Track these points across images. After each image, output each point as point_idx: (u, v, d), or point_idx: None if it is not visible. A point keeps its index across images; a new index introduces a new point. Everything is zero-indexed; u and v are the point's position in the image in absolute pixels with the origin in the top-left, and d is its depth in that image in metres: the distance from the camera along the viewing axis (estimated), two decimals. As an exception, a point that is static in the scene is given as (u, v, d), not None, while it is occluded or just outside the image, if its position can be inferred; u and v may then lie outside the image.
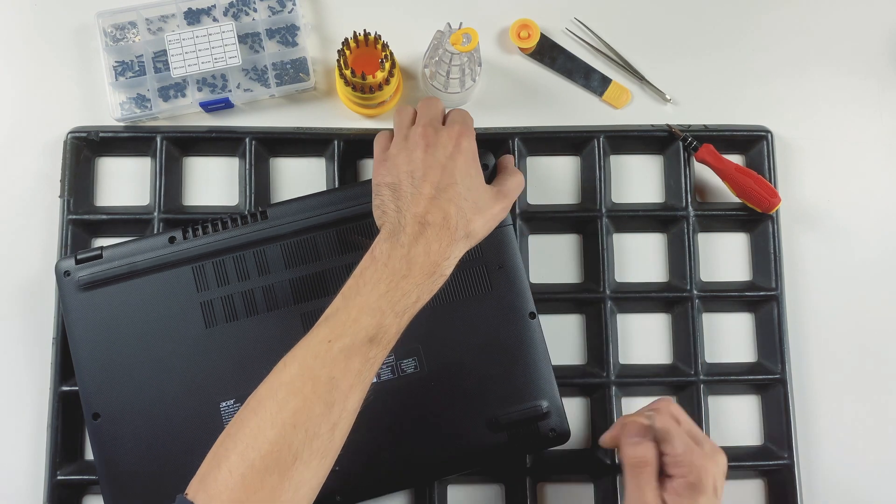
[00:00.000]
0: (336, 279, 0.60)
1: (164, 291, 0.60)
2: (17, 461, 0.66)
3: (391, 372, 0.60)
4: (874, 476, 0.68)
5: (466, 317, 0.61)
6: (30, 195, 0.68)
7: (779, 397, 0.66)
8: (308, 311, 0.60)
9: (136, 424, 0.59)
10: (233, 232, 0.60)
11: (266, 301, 0.60)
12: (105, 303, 0.60)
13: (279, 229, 0.61)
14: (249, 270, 0.60)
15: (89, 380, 0.59)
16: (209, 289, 0.60)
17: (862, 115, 0.72)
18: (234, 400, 0.59)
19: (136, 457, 0.58)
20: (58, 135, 0.68)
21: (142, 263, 0.60)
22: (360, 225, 0.61)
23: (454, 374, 0.60)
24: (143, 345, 0.59)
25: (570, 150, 0.71)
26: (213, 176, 0.70)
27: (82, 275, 0.60)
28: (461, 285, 0.61)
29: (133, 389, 0.59)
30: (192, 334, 0.59)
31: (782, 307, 0.67)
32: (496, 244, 0.61)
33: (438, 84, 0.66)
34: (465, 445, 0.60)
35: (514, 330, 0.61)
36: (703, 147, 0.67)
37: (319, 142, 0.68)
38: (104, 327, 0.59)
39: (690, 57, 0.72)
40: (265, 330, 0.60)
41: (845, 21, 0.73)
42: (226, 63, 0.67)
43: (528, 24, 0.69)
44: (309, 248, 0.61)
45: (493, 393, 0.60)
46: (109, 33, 0.69)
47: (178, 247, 0.60)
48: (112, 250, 0.60)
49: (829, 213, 0.70)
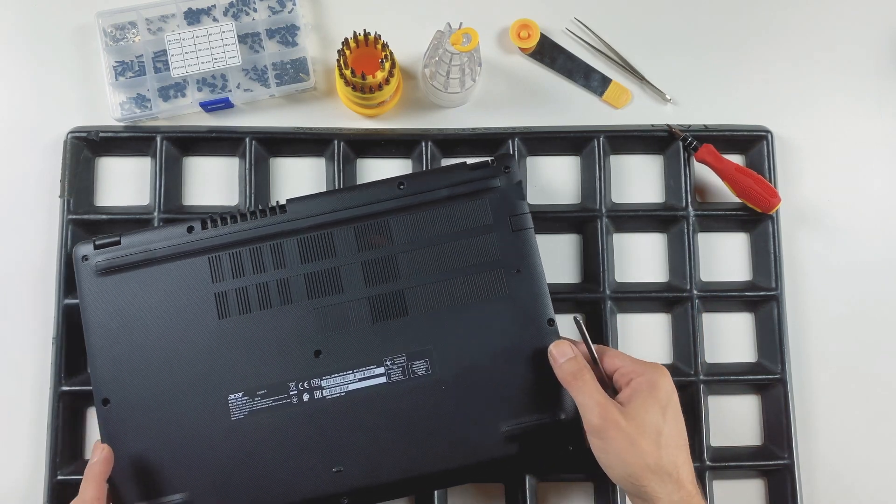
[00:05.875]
0: (351, 277, 0.59)
1: (180, 280, 0.60)
2: (17, 461, 0.66)
3: (402, 373, 0.59)
4: (874, 476, 0.68)
5: (481, 320, 0.59)
6: (30, 195, 0.68)
7: (779, 397, 0.66)
8: (321, 307, 0.59)
9: (144, 412, 0.58)
10: (251, 224, 0.60)
11: (280, 295, 0.59)
12: (121, 289, 0.59)
13: (297, 223, 0.60)
14: (265, 263, 0.60)
15: (101, 365, 0.59)
16: (224, 280, 0.60)
17: (862, 115, 0.72)
18: (242, 393, 0.58)
19: (142, 444, 0.58)
20: (58, 135, 0.68)
21: (159, 251, 0.60)
22: (377, 223, 0.60)
23: (467, 378, 0.59)
24: (155, 332, 0.59)
25: (570, 150, 0.71)
26: (213, 176, 0.70)
27: (99, 260, 0.60)
28: (476, 287, 0.59)
29: (143, 377, 0.59)
30: (205, 325, 0.59)
31: (782, 307, 0.67)
32: (515, 247, 0.60)
33: (438, 84, 0.66)
34: (475, 454, 0.58)
35: (531, 336, 0.59)
36: (703, 147, 0.67)
37: (319, 142, 0.68)
38: (118, 313, 0.59)
39: (690, 57, 0.72)
40: (278, 324, 0.59)
41: (845, 21, 0.73)
42: (226, 63, 0.67)
43: (528, 24, 0.69)
44: (326, 244, 0.60)
45: (507, 401, 0.58)
46: (109, 33, 0.69)
47: (196, 236, 0.60)
48: (130, 237, 0.60)
49: (829, 213, 0.70)
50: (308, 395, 0.58)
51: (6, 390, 0.66)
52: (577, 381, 0.54)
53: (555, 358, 0.56)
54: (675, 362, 0.68)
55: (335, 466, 0.57)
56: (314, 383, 0.58)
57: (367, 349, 0.59)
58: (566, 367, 0.55)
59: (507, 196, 0.60)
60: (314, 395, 0.58)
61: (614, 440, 0.51)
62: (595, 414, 0.52)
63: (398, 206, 0.60)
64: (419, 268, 0.59)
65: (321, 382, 0.58)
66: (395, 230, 0.60)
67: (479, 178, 0.60)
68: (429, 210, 0.60)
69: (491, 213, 0.60)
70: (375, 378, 0.58)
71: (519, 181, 0.61)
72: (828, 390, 0.68)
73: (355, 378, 0.58)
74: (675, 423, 0.53)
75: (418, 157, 0.68)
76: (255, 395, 0.58)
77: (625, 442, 0.51)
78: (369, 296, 0.59)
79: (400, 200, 0.60)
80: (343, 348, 0.59)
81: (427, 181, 0.61)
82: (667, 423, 0.52)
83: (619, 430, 0.51)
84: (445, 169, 0.62)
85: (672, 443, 0.52)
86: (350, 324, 0.59)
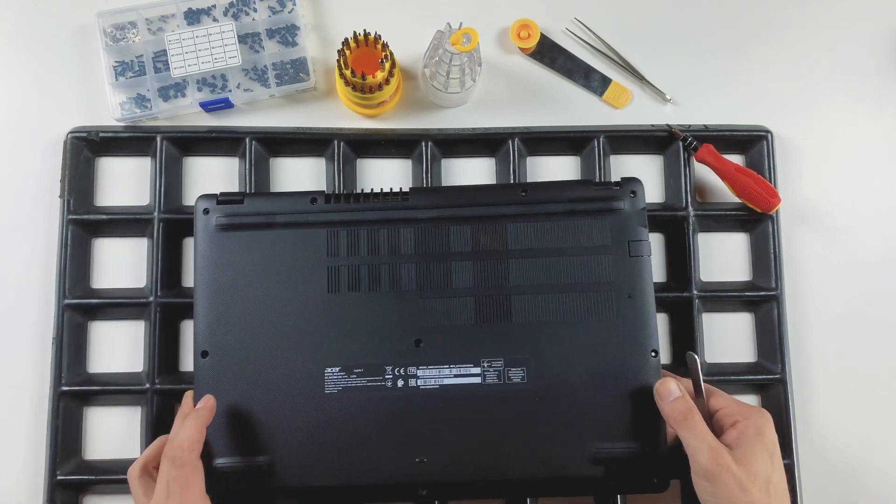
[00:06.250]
0: (461, 274, 0.60)
1: (296, 248, 0.60)
2: (17, 461, 0.66)
3: (497, 377, 0.59)
4: (874, 476, 0.68)
5: (585, 340, 0.59)
6: (30, 195, 0.68)
7: (779, 397, 0.66)
8: (428, 298, 0.59)
9: (240, 370, 0.59)
10: (373, 205, 0.61)
11: (390, 279, 0.60)
12: (236, 247, 0.60)
13: (417, 213, 0.61)
14: (380, 247, 0.60)
15: (204, 318, 0.59)
16: (339, 255, 0.60)
17: (862, 115, 0.72)
18: (339, 368, 0.59)
19: (233, 402, 0.58)
20: (58, 135, 0.68)
21: (280, 217, 0.60)
22: (494, 227, 0.60)
23: (561, 394, 0.58)
24: (263, 295, 0.60)
25: (570, 150, 0.71)
26: (214, 176, 0.70)
27: (220, 216, 0.60)
28: (584, 306, 0.59)
29: (245, 336, 0.59)
30: (314, 295, 0.60)
31: (782, 307, 0.67)
32: (630, 272, 0.60)
33: (438, 84, 0.66)
34: (558, 469, 0.58)
35: (632, 364, 0.59)
36: (703, 147, 0.67)
37: (319, 142, 0.68)
38: (230, 270, 0.60)
39: (690, 57, 0.72)
40: (384, 307, 0.59)
41: (845, 21, 0.73)
42: (226, 63, 0.67)
43: (528, 24, 0.69)
44: (441, 238, 0.60)
45: (599, 423, 0.58)
46: (109, 33, 0.69)
47: (318, 208, 0.60)
48: (253, 199, 0.61)
49: (829, 213, 0.70)
50: (402, 382, 0.59)
51: (6, 390, 0.66)
52: (686, 421, 0.53)
53: (661, 396, 0.56)
54: (675, 363, 0.68)
55: (418, 457, 0.58)
56: (410, 371, 0.59)
57: (466, 347, 0.59)
58: (675, 407, 0.55)
59: (630, 221, 0.60)
60: (408, 382, 0.59)
61: (725, 485, 0.51)
62: (706, 457, 0.52)
63: (518, 212, 0.61)
64: (529, 276, 0.60)
65: (417, 372, 0.59)
66: (512, 235, 0.60)
67: (603, 198, 0.61)
68: (548, 221, 0.60)
69: (610, 234, 0.60)
70: (470, 377, 0.59)
71: (643, 207, 0.61)
72: (828, 390, 0.68)
73: (451, 373, 0.59)
74: (780, 470, 0.54)
75: (418, 157, 0.68)
76: (351, 372, 0.59)
77: (736, 488, 0.51)
78: (476, 295, 0.59)
79: (521, 207, 0.61)
80: (443, 342, 0.59)
81: (550, 192, 0.61)
82: (775, 470, 0.53)
83: (731, 476, 0.51)
84: (570, 183, 0.63)
85: (780, 491, 0.52)
86: (453, 319, 0.59)
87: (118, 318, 0.67)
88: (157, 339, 0.65)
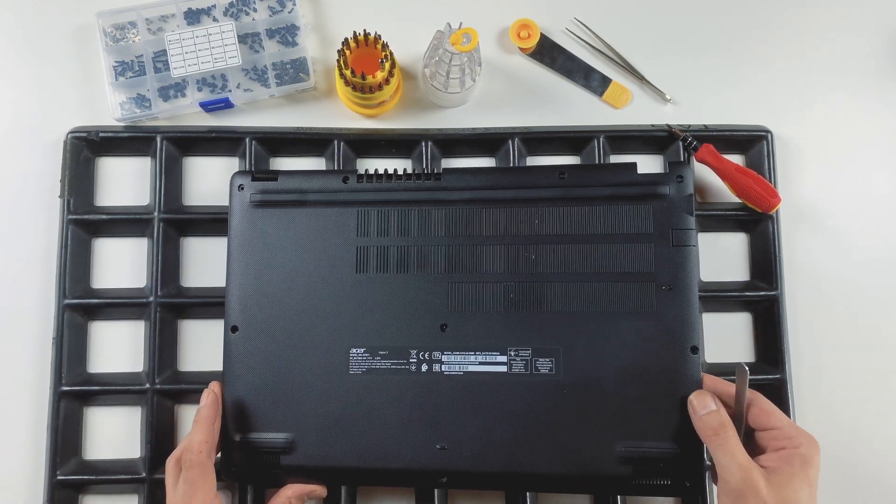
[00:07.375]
0: (492, 258, 0.58)
1: (326, 227, 0.60)
2: (17, 461, 0.66)
3: (524, 367, 0.57)
4: (875, 476, 0.68)
5: (619, 333, 0.56)
6: (30, 195, 0.68)
7: (779, 397, 0.66)
8: (456, 282, 0.58)
9: (267, 344, 0.59)
10: (404, 185, 0.60)
11: (419, 261, 0.59)
12: (268, 223, 0.60)
13: (450, 194, 0.60)
14: (411, 227, 0.60)
15: (235, 293, 0.60)
16: (369, 235, 0.60)
17: (862, 115, 0.72)
18: (364, 349, 0.58)
19: (259, 377, 0.59)
20: (58, 135, 0.68)
21: (312, 195, 0.60)
22: (526, 211, 0.59)
23: (592, 388, 0.56)
24: (293, 272, 0.60)
25: (570, 150, 0.71)
26: (214, 176, 0.70)
27: (254, 192, 0.61)
28: (620, 297, 0.57)
29: (274, 311, 0.59)
30: (342, 274, 0.59)
31: (782, 307, 0.67)
32: (673, 263, 0.57)
33: (438, 84, 0.66)
34: (585, 466, 0.56)
35: (670, 360, 0.56)
36: (703, 147, 0.67)
37: (319, 142, 0.68)
38: (262, 246, 0.60)
39: (690, 57, 0.72)
40: (411, 288, 0.59)
41: (845, 21, 0.73)
42: (226, 63, 0.67)
43: (528, 24, 0.69)
44: (472, 220, 0.59)
45: (630, 421, 0.56)
46: (109, 33, 0.69)
47: (350, 187, 0.60)
48: (287, 176, 0.61)
49: (829, 213, 0.70)
50: (427, 367, 0.58)
51: (6, 390, 0.66)
52: (717, 437, 0.51)
53: (695, 408, 0.54)
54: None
55: (439, 443, 0.57)
56: (435, 356, 0.58)
57: (493, 334, 0.58)
58: (707, 421, 0.53)
59: (675, 207, 0.58)
60: (433, 367, 0.58)
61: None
62: (736, 476, 0.49)
63: (555, 195, 0.58)
64: (563, 264, 0.58)
65: (442, 357, 0.58)
66: (547, 220, 0.58)
67: (647, 182, 0.58)
68: (586, 206, 0.58)
69: (653, 221, 0.58)
70: (496, 366, 0.57)
71: (691, 193, 0.58)
72: (828, 390, 0.68)
73: (476, 360, 0.58)
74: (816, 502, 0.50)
75: (418, 157, 0.68)
76: (376, 353, 0.58)
77: None
78: (506, 281, 0.58)
79: (558, 190, 0.59)
80: (469, 328, 0.58)
81: (591, 175, 0.59)
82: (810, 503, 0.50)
83: (758, 499, 0.49)
84: (612, 166, 0.60)
85: None
86: (481, 305, 0.58)
87: (118, 317, 0.67)
88: (157, 339, 0.65)
